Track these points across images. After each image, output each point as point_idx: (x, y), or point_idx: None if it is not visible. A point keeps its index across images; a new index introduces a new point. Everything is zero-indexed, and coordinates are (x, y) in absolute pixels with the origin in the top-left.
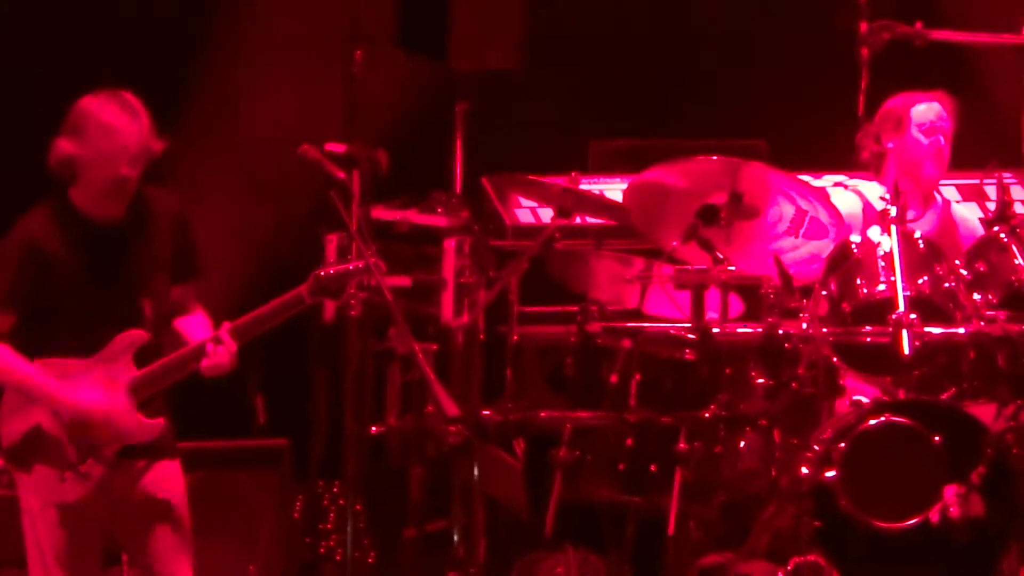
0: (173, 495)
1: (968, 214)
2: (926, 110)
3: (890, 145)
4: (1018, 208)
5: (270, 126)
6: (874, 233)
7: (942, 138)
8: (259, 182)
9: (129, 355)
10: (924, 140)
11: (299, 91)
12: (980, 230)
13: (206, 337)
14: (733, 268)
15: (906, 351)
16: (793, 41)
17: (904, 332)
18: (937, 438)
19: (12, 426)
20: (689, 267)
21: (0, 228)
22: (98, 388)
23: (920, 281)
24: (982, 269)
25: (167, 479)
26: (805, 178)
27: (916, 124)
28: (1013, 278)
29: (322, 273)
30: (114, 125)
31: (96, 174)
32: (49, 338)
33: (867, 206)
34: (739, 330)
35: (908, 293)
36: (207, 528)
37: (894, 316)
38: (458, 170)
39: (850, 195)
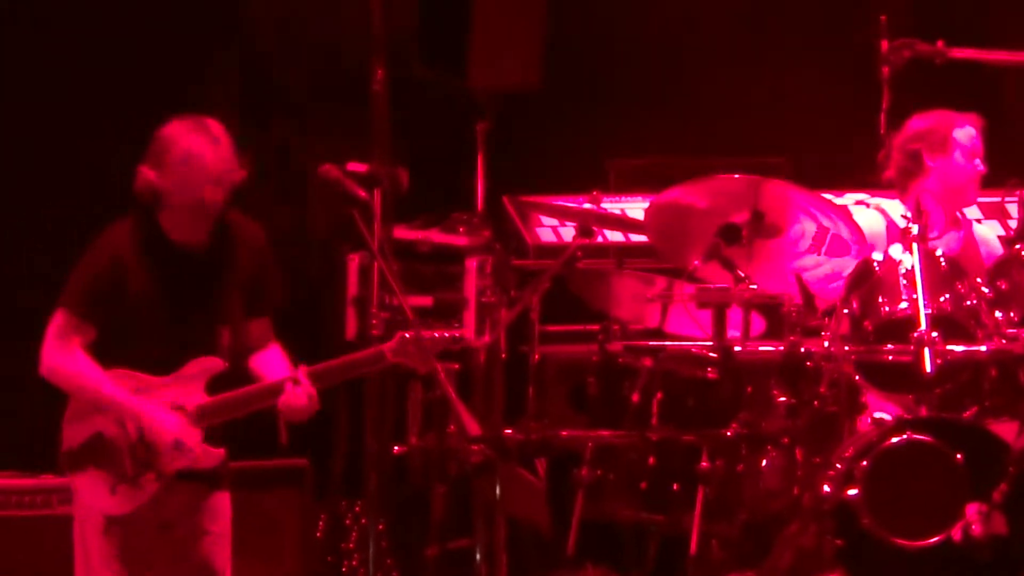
0: (222, 534)
1: (989, 234)
2: (966, 132)
3: (932, 164)
4: None
5: (291, 146)
6: (896, 251)
7: (979, 161)
8: (280, 201)
9: (203, 381)
10: (967, 163)
11: (320, 110)
12: (1001, 250)
13: (284, 376)
14: (755, 287)
15: (928, 369)
16: (814, 59)
17: (926, 350)
18: (959, 456)
19: (75, 431)
20: (710, 286)
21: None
22: (168, 407)
23: (942, 299)
24: (1004, 287)
25: (220, 514)
26: (827, 196)
27: (960, 147)
28: None
29: (408, 335)
30: (195, 152)
31: (179, 201)
32: (125, 354)
33: (890, 224)
34: (761, 348)
35: (930, 311)
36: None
37: (916, 334)
38: (479, 189)
39: (873, 213)
